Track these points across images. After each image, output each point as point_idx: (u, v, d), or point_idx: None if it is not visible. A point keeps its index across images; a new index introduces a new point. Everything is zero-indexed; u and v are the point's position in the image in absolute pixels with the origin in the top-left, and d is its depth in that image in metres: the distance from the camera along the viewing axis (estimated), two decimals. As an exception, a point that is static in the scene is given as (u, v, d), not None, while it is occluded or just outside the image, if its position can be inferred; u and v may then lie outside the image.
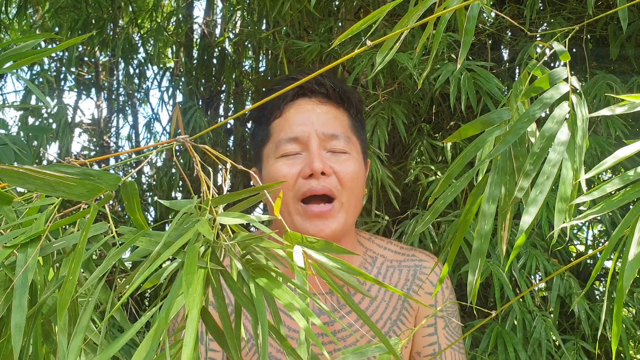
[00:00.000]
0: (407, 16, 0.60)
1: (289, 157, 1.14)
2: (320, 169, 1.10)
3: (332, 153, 1.15)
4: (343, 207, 1.14)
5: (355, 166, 1.16)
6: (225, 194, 0.64)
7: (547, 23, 2.07)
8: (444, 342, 1.19)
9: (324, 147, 1.15)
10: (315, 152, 1.12)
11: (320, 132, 1.14)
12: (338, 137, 1.15)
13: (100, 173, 0.62)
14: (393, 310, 1.19)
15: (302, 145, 1.14)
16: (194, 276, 0.48)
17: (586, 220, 1.97)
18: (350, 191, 1.14)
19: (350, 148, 1.17)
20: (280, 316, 0.58)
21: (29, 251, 0.61)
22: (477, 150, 0.59)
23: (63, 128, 2.42)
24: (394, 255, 1.25)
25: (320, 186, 1.11)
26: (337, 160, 1.15)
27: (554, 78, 0.57)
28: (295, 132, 1.15)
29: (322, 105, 1.18)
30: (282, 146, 1.15)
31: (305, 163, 1.13)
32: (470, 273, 0.57)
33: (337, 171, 1.13)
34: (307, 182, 1.12)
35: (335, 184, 1.13)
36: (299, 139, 1.14)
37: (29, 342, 0.62)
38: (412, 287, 1.21)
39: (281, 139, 1.15)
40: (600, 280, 2.08)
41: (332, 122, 1.17)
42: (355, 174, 1.15)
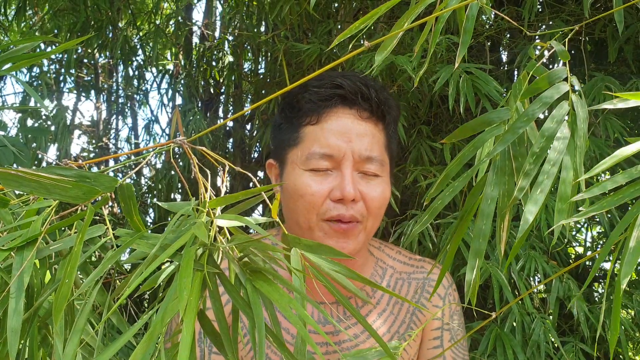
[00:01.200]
0: (405, 16, 0.60)
1: (319, 173, 1.09)
2: (352, 195, 1.06)
3: (363, 175, 1.10)
4: (366, 229, 1.11)
5: (385, 191, 1.12)
6: (223, 196, 0.64)
7: (546, 25, 2.07)
8: (449, 356, 1.18)
9: (357, 168, 1.09)
10: (347, 175, 1.07)
11: (356, 154, 1.08)
12: (373, 161, 1.10)
13: (97, 175, 0.62)
14: (401, 323, 1.17)
15: (335, 163, 1.08)
16: (189, 280, 0.48)
17: (586, 219, 1.96)
18: (375, 216, 1.11)
19: (382, 171, 1.12)
20: (280, 318, 0.57)
21: (26, 254, 0.60)
22: (475, 150, 0.58)
23: (62, 130, 2.42)
24: (403, 266, 1.22)
25: (349, 214, 1.07)
26: (367, 184, 1.10)
27: (553, 78, 0.56)
28: (330, 149, 1.08)
29: (362, 122, 1.11)
30: (313, 160, 1.09)
31: (335, 184, 1.08)
32: (468, 272, 0.57)
33: (365, 197, 1.09)
34: (335, 207, 1.07)
35: (362, 211, 1.09)
36: (333, 157, 1.08)
37: (26, 346, 0.61)
38: (421, 299, 1.19)
39: (314, 152, 1.09)
40: (599, 282, 2.07)
41: (369, 143, 1.10)
42: (384, 199, 1.11)
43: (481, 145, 0.58)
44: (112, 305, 0.62)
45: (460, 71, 1.62)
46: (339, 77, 1.13)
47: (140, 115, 3.30)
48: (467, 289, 0.57)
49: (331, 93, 1.10)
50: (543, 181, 0.52)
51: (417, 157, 1.93)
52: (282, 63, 2.19)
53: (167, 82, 2.91)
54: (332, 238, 1.08)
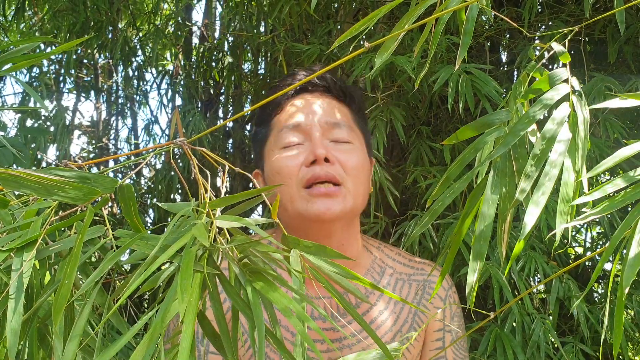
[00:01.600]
0: (405, 17, 0.60)
1: (291, 148, 1.11)
2: (323, 154, 1.07)
3: (335, 142, 1.11)
4: (350, 192, 1.09)
5: (360, 156, 1.12)
6: (223, 197, 0.64)
7: (546, 26, 2.07)
8: (451, 356, 1.18)
9: (327, 136, 1.11)
10: (317, 138, 1.09)
11: (322, 121, 1.11)
12: (340, 126, 1.12)
13: (97, 176, 0.62)
14: (404, 323, 1.16)
15: (304, 134, 1.11)
16: (188, 281, 0.48)
17: (587, 222, 1.96)
18: (355, 178, 1.10)
19: (353, 138, 1.13)
20: (279, 317, 0.57)
21: (25, 255, 0.60)
22: (476, 152, 0.58)
23: (61, 131, 2.42)
24: (404, 267, 1.21)
25: (324, 172, 1.07)
26: (340, 149, 1.11)
27: (553, 79, 0.56)
28: (298, 120, 1.12)
29: (324, 98, 1.16)
30: (283, 136, 1.12)
31: (308, 151, 1.09)
32: (470, 274, 0.56)
33: (341, 160, 1.09)
34: (310, 169, 1.08)
35: (339, 171, 1.09)
36: (300, 126, 1.11)
37: (25, 346, 0.61)
38: (422, 301, 1.19)
39: (282, 128, 1.12)
40: (599, 282, 2.07)
41: (334, 112, 1.14)
42: (360, 164, 1.12)
43: (482, 147, 0.58)
44: (111, 306, 0.62)
45: (460, 71, 1.62)
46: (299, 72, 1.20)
47: (140, 115, 3.30)
48: (468, 291, 0.57)
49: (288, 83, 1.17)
50: (544, 183, 0.52)
51: (417, 158, 1.93)
52: (282, 64, 2.19)
53: (167, 82, 2.91)
54: (315, 202, 1.06)
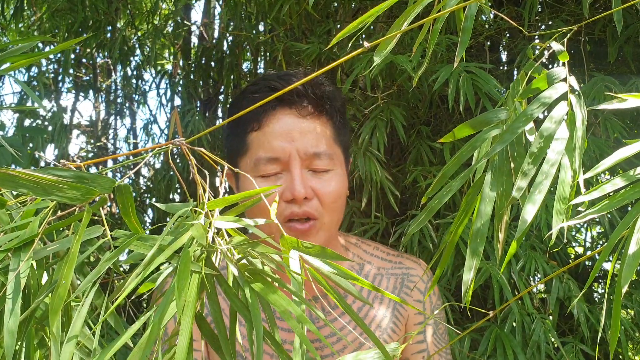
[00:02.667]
0: (403, 16, 0.60)
1: (269, 179, 1.10)
2: (302, 194, 1.07)
3: (314, 172, 1.11)
4: (324, 226, 1.11)
5: (338, 184, 1.12)
6: (221, 197, 0.63)
7: (546, 25, 2.07)
8: (432, 348, 1.19)
9: (306, 166, 1.10)
10: (296, 175, 1.08)
11: (302, 152, 1.09)
12: (320, 156, 1.10)
13: (95, 176, 0.62)
14: (383, 317, 1.18)
15: (283, 165, 1.09)
16: (186, 281, 0.48)
17: (585, 221, 1.96)
18: (332, 211, 1.11)
19: (333, 164, 1.13)
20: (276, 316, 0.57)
21: (22, 255, 0.60)
22: (473, 150, 0.58)
23: (59, 130, 2.41)
24: (381, 262, 1.23)
25: (302, 211, 1.08)
26: (319, 180, 1.10)
27: (552, 78, 0.56)
28: (275, 152, 1.09)
29: (304, 120, 1.11)
30: (260, 165, 1.10)
31: (286, 186, 1.08)
32: (466, 272, 0.56)
33: (318, 193, 1.10)
34: (288, 206, 1.08)
35: (316, 207, 1.10)
36: (279, 159, 1.09)
37: (22, 347, 0.61)
38: (401, 294, 1.20)
39: (260, 158, 1.10)
40: (599, 282, 2.07)
41: (314, 139, 1.11)
42: (338, 193, 1.12)
43: (479, 145, 0.58)
44: (109, 307, 0.61)
45: (460, 70, 1.62)
46: (274, 79, 1.14)
47: (139, 115, 3.30)
48: (464, 289, 0.57)
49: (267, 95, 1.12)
50: (541, 181, 0.52)
51: (417, 158, 1.93)
52: (281, 63, 2.18)
53: (166, 82, 2.91)
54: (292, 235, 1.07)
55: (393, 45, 0.63)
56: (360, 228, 1.92)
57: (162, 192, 2.61)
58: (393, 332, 1.18)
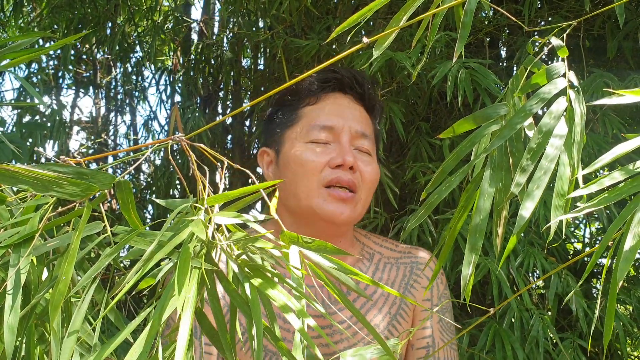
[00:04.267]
0: (402, 11, 0.60)
1: (319, 145, 1.17)
2: (351, 162, 1.14)
3: (358, 151, 1.19)
4: (361, 201, 1.18)
5: (376, 169, 1.20)
6: (221, 193, 0.63)
7: (545, 22, 2.07)
8: (438, 335, 1.22)
9: (353, 143, 1.18)
10: (347, 145, 1.16)
11: (353, 129, 1.18)
12: (367, 137, 1.20)
13: (94, 172, 0.62)
14: (392, 304, 1.22)
15: (334, 135, 1.17)
16: (186, 277, 0.48)
17: (583, 215, 1.95)
18: (368, 190, 1.19)
19: (373, 150, 1.22)
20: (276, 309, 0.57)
21: (23, 251, 0.60)
22: (472, 146, 0.58)
23: (58, 126, 2.41)
24: (391, 252, 1.28)
25: (347, 178, 1.14)
26: (362, 159, 1.18)
27: (551, 73, 0.56)
28: (331, 121, 1.17)
29: (356, 105, 1.22)
30: (314, 131, 1.17)
31: (336, 153, 1.15)
32: (465, 267, 0.57)
33: (362, 170, 1.17)
34: (334, 172, 1.14)
35: (359, 180, 1.16)
36: (333, 128, 1.17)
37: (23, 343, 0.61)
38: (410, 282, 1.24)
39: (315, 125, 1.18)
40: (597, 278, 2.07)
41: (363, 122, 1.21)
42: (376, 176, 1.20)
43: (478, 140, 0.58)
44: (110, 302, 0.61)
45: (459, 66, 1.62)
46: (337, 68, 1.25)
47: (139, 111, 3.30)
48: (463, 284, 0.57)
49: (329, 77, 1.21)
50: (540, 177, 0.52)
51: (416, 154, 1.93)
52: (281, 59, 2.18)
53: (166, 79, 2.91)
54: (332, 203, 1.14)
55: (391, 40, 0.63)
56: (360, 223, 1.92)
57: (162, 188, 2.61)
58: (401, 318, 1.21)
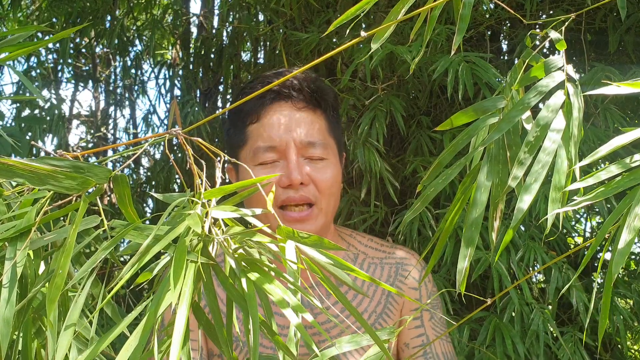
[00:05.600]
0: (400, 3, 0.59)
1: (267, 166, 1.15)
2: (298, 180, 1.12)
3: (309, 160, 1.16)
4: (322, 211, 1.16)
5: (333, 171, 1.18)
6: (218, 187, 0.63)
7: (547, 15, 2.06)
8: (431, 332, 1.22)
9: (302, 154, 1.16)
10: (293, 162, 1.13)
11: (297, 141, 1.15)
12: (315, 145, 1.16)
13: (91, 166, 0.61)
14: (377, 304, 1.22)
15: (280, 153, 1.15)
16: (181, 270, 0.48)
17: (585, 209, 1.94)
18: (328, 197, 1.16)
19: (327, 153, 1.18)
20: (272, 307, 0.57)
21: (19, 244, 0.60)
22: (469, 138, 0.58)
23: (57, 121, 2.41)
24: (375, 252, 1.27)
25: (299, 195, 1.13)
26: (314, 167, 1.16)
27: (549, 66, 0.56)
28: (273, 141, 1.15)
29: (300, 112, 1.18)
30: (259, 154, 1.16)
31: (283, 172, 1.14)
32: (460, 261, 0.56)
33: (315, 179, 1.15)
34: (285, 192, 1.13)
35: (313, 192, 1.15)
36: (276, 147, 1.15)
37: (20, 337, 0.61)
38: (395, 283, 1.24)
39: (259, 147, 1.16)
40: (597, 271, 2.07)
41: (309, 129, 1.17)
42: (333, 180, 1.17)
43: (476, 133, 0.58)
44: (107, 296, 0.61)
45: (460, 60, 1.61)
46: (270, 76, 1.21)
47: (138, 105, 3.30)
48: (459, 277, 0.57)
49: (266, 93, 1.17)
50: (538, 170, 0.51)
51: (417, 148, 1.92)
52: (281, 52, 2.18)
53: (165, 73, 2.90)
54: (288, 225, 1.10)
55: (390, 33, 0.63)
56: (360, 217, 1.92)
57: (162, 183, 2.61)
58: (387, 317, 1.22)
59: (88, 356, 0.49)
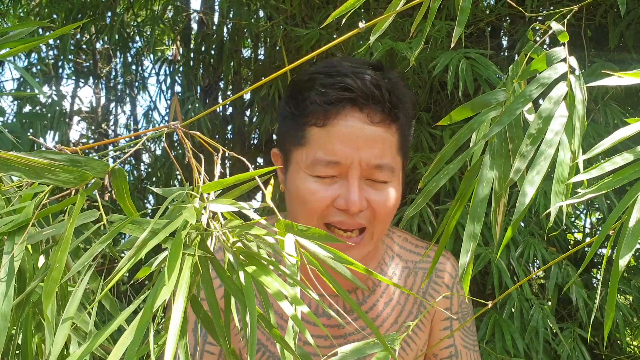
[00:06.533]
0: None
1: (324, 180, 1.02)
2: (358, 208, 1.00)
3: (371, 182, 1.03)
4: (373, 238, 1.05)
5: (395, 195, 1.05)
6: (216, 180, 0.63)
7: (547, 11, 2.05)
8: (460, 343, 1.16)
9: (365, 176, 1.03)
10: (355, 186, 1.01)
11: (364, 162, 1.01)
12: (382, 168, 1.03)
13: (88, 160, 0.61)
14: (409, 314, 1.14)
15: (342, 170, 1.02)
16: (176, 264, 0.47)
17: (585, 205, 1.93)
18: (383, 223, 1.05)
19: (393, 176, 1.05)
20: (272, 300, 0.56)
21: (17, 239, 0.60)
22: (471, 133, 0.57)
23: (58, 117, 2.41)
24: (410, 254, 1.18)
25: (352, 221, 1.02)
26: (376, 191, 1.03)
27: (551, 58, 0.55)
28: (337, 156, 1.01)
29: (373, 126, 1.02)
30: (318, 166, 1.02)
31: (341, 192, 1.02)
32: (462, 255, 0.56)
33: (373, 204, 1.03)
34: (338, 213, 1.02)
35: (368, 218, 1.03)
36: (339, 164, 1.01)
37: (19, 331, 0.61)
38: (428, 290, 1.16)
39: (319, 159, 1.02)
40: (598, 268, 2.07)
41: (380, 150, 1.02)
42: (393, 206, 1.05)
43: (477, 127, 0.57)
44: (104, 290, 0.61)
45: (460, 56, 1.61)
46: (349, 75, 1.03)
47: (139, 102, 3.29)
48: (461, 272, 0.57)
49: (340, 97, 1.02)
50: (539, 163, 0.51)
51: (417, 144, 1.92)
52: (281, 48, 2.17)
53: (166, 69, 2.90)
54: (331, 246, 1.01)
55: (390, 28, 0.62)
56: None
57: (162, 178, 2.61)
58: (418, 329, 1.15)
59: (85, 350, 0.49)
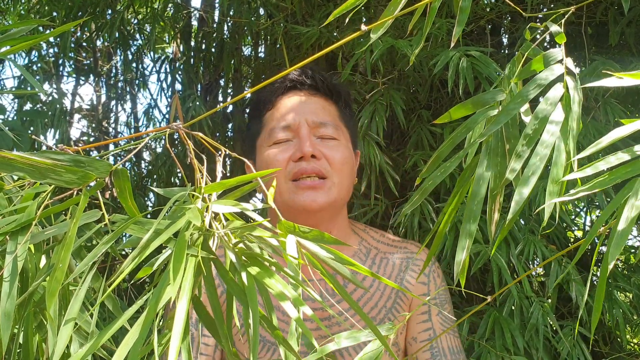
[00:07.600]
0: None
1: (281, 144, 1.21)
2: (310, 151, 1.16)
3: (321, 139, 1.21)
4: (335, 184, 1.19)
5: (345, 152, 1.22)
6: (218, 181, 0.63)
7: (547, 8, 2.05)
8: (438, 327, 1.24)
9: (314, 133, 1.21)
10: (305, 137, 1.19)
11: (310, 120, 1.21)
12: (327, 125, 1.22)
13: (91, 160, 0.62)
14: (388, 298, 1.24)
15: (293, 132, 1.21)
16: (181, 264, 0.48)
17: (585, 202, 1.93)
18: (340, 172, 1.20)
19: (339, 135, 1.23)
20: (274, 301, 0.57)
21: (20, 238, 0.60)
22: (468, 131, 0.58)
23: (59, 115, 2.41)
24: (387, 247, 1.30)
25: (310, 167, 1.17)
26: (326, 145, 1.21)
27: (548, 59, 0.56)
28: (286, 121, 1.21)
29: (312, 97, 1.25)
30: (274, 134, 1.21)
31: (296, 148, 1.19)
32: (458, 253, 0.56)
33: (326, 155, 1.19)
34: (297, 164, 1.17)
35: (325, 166, 1.18)
36: (290, 126, 1.21)
37: (21, 330, 0.61)
38: (405, 277, 1.27)
39: (273, 128, 1.22)
40: (598, 266, 2.07)
41: (321, 112, 1.24)
42: (345, 158, 1.21)
43: (474, 126, 0.58)
44: (107, 290, 0.61)
45: (461, 54, 1.61)
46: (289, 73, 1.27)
47: (139, 100, 3.29)
48: (457, 269, 0.57)
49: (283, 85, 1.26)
50: (535, 163, 0.52)
51: (417, 142, 1.92)
52: (282, 46, 2.17)
53: (166, 67, 2.90)
54: (302, 194, 1.17)
55: (390, 26, 0.63)
56: (360, 210, 1.92)
57: (163, 177, 2.61)
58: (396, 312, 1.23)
59: (88, 350, 0.49)
